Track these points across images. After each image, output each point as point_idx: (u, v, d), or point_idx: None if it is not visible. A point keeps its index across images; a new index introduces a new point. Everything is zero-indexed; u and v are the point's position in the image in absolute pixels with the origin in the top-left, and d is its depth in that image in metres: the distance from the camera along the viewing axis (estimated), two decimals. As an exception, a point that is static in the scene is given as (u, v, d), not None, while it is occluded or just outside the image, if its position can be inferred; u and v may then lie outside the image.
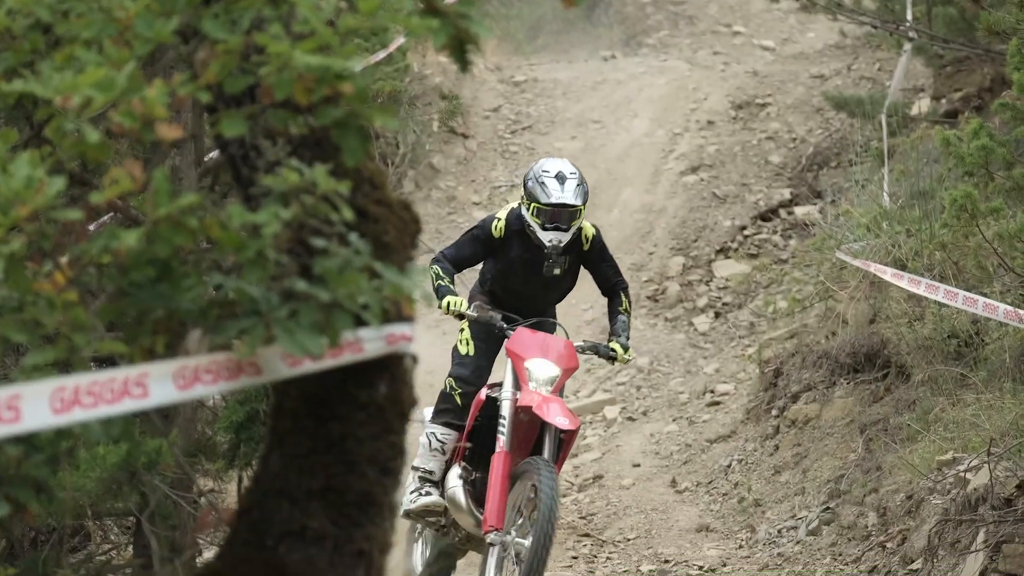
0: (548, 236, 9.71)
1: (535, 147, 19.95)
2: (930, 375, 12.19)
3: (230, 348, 4.28)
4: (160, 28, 4.18)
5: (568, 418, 9.34)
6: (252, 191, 4.45)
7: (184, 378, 4.21)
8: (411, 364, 4.64)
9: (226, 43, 4.20)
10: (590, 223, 10.02)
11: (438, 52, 4.33)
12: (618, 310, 10.01)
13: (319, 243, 4.29)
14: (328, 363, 4.40)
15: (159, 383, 4.17)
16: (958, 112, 16.46)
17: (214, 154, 8.96)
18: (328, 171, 4.26)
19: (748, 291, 17.03)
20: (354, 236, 4.33)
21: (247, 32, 4.22)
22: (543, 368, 9.53)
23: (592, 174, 17.92)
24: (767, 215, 18.21)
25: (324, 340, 4.25)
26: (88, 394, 4.04)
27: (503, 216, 9.88)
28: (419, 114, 19.94)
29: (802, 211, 18.02)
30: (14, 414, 3.94)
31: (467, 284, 10.18)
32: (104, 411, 4.07)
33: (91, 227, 4.59)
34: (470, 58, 4.43)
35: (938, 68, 17.70)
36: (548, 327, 9.89)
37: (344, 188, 4.27)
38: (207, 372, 4.25)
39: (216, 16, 4.23)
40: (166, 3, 4.19)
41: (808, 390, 13.64)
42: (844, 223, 14.86)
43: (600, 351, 9.87)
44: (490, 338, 9.85)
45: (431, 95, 20.35)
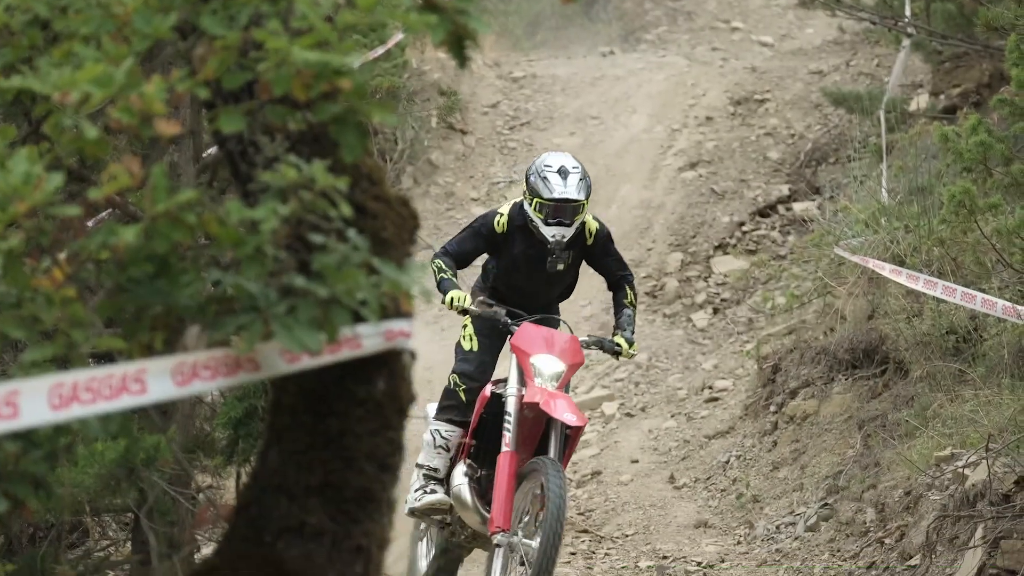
0: (551, 231, 9.62)
1: (533, 143, 19.94)
2: (928, 371, 12.18)
3: (228, 344, 4.28)
4: (158, 24, 4.18)
5: (576, 414, 9.24)
6: (250, 187, 4.45)
7: (182, 374, 4.21)
8: (409, 360, 4.64)
9: (224, 39, 4.20)
10: (594, 217, 9.92)
11: (436, 48, 4.33)
12: (623, 303, 9.89)
13: (317, 239, 4.29)
14: (326, 359, 4.39)
15: (157, 379, 4.17)
16: (956, 108, 16.46)
17: (212, 150, 8.97)
18: (326, 167, 4.25)
19: (746, 287, 17.03)
20: (352, 232, 4.33)
21: (245, 28, 4.22)
22: (549, 364, 9.42)
23: (591, 170, 17.80)
24: (765, 211, 18.21)
25: (322, 336, 4.25)
26: (86, 390, 4.04)
27: (505, 211, 9.78)
28: (417, 110, 19.93)
29: (800, 207, 18.02)
30: (12, 410, 3.94)
31: (467, 282, 10.14)
32: (102, 407, 4.07)
33: (89, 223, 4.59)
34: (468, 54, 4.42)
35: (936, 64, 17.71)
36: (552, 323, 9.81)
37: (342, 184, 4.27)
38: (205, 368, 4.25)
39: (214, 12, 4.23)
40: (164, -1, 4.20)
41: (806, 386, 13.63)
42: (842, 219, 14.86)
43: (605, 346, 9.73)
44: (494, 334, 9.76)
45: (429, 91, 20.35)
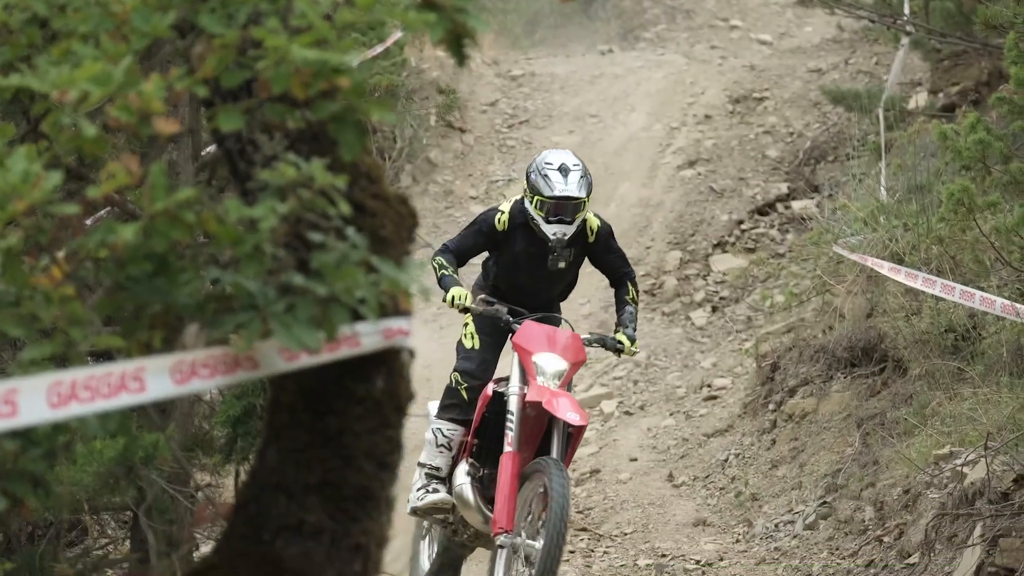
0: (552, 229, 9.56)
1: (532, 141, 19.94)
2: (927, 369, 12.19)
3: (227, 342, 4.28)
4: (157, 22, 4.18)
5: (579, 413, 9.18)
6: (249, 185, 4.45)
7: (181, 372, 4.21)
8: (408, 358, 4.64)
9: (223, 37, 4.20)
10: (595, 214, 9.86)
11: (435, 46, 4.32)
12: (625, 300, 9.81)
13: (316, 237, 4.28)
14: (325, 357, 4.39)
15: (156, 377, 4.16)
16: (955, 106, 16.45)
17: (211, 148, 8.96)
18: (325, 165, 4.25)
19: (745, 285, 17.03)
20: (351, 230, 4.33)
21: (244, 26, 4.22)
22: (551, 362, 9.36)
23: (589, 168, 17.88)
24: (764, 209, 18.21)
25: (321, 334, 4.25)
26: (85, 388, 4.04)
27: (507, 209, 9.71)
28: (416, 108, 19.93)
29: (799, 205, 18.02)
30: (11, 408, 3.94)
31: (467, 280, 10.11)
32: (101, 405, 4.07)
33: (88, 221, 4.58)
34: (467, 52, 4.42)
35: (935, 62, 17.70)
36: (554, 321, 9.75)
37: (341, 182, 4.27)
38: (204, 366, 4.25)
39: (213, 10, 4.23)
40: (163, -3, 4.20)
41: (805, 384, 13.64)
42: (841, 217, 14.86)
43: (607, 343, 9.67)
44: (495, 332, 9.69)
45: (428, 89, 20.34)
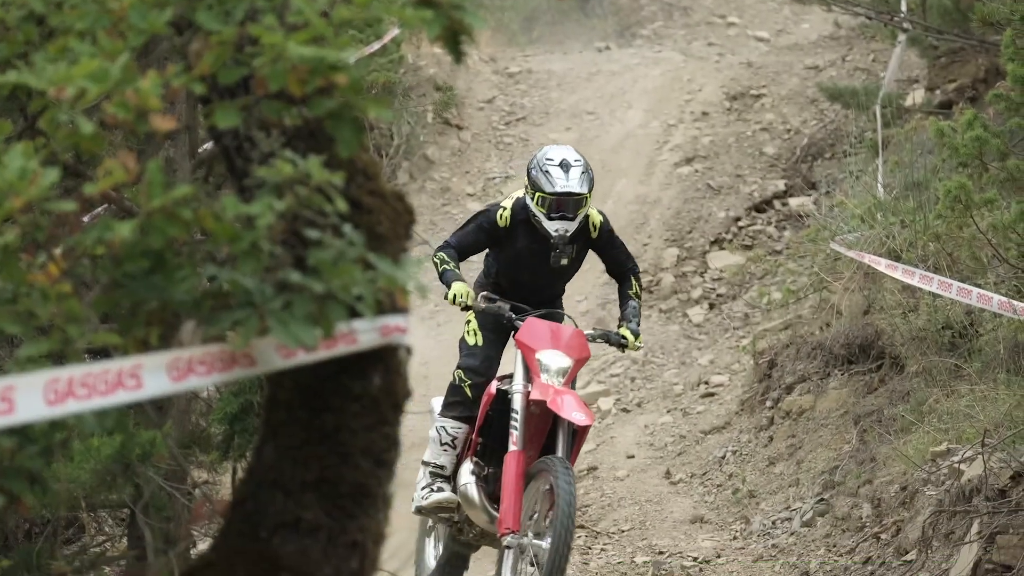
0: (554, 226, 9.49)
1: (529, 138, 19.94)
2: (924, 366, 12.19)
3: (224, 339, 4.27)
4: (154, 19, 4.18)
5: (584, 413, 9.11)
6: (246, 182, 4.45)
7: (178, 369, 4.21)
8: (405, 355, 4.63)
9: (220, 34, 4.20)
10: (598, 210, 9.78)
11: (432, 43, 4.32)
12: (628, 295, 9.76)
13: (313, 234, 4.28)
14: (322, 354, 4.39)
15: (153, 374, 4.16)
16: (952, 103, 16.46)
17: (208, 145, 8.95)
18: (322, 162, 4.25)
19: (742, 282, 17.03)
20: (348, 227, 4.33)
21: (241, 23, 4.22)
22: (555, 359, 9.30)
23: (586, 165, 17.91)
24: (761, 206, 18.21)
25: (318, 331, 4.25)
26: (82, 385, 4.04)
27: (508, 205, 9.63)
28: (413, 105, 19.93)
29: (796, 202, 18.02)
30: (8, 405, 3.94)
31: (468, 278, 10.06)
32: (98, 402, 4.07)
33: (85, 218, 4.58)
34: (464, 49, 4.42)
35: (932, 59, 17.71)
36: (557, 318, 9.69)
37: (338, 179, 4.26)
38: (201, 363, 4.25)
39: (210, 7, 4.23)
40: (160, -6, 4.19)
41: (802, 381, 13.64)
42: (838, 214, 14.87)
43: (611, 339, 9.63)
44: (498, 328, 9.63)
45: (425, 86, 20.34)
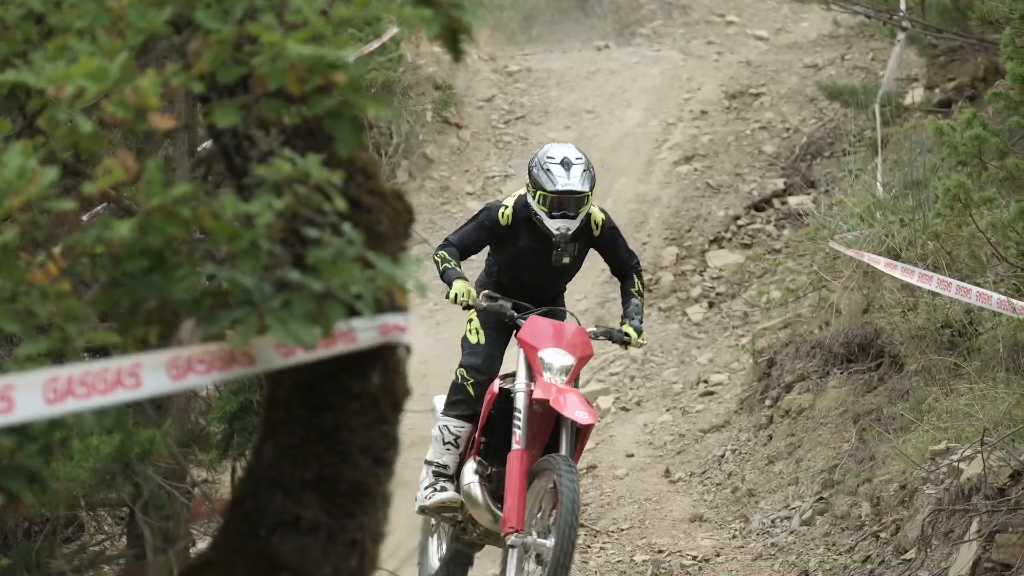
0: (556, 224, 9.42)
1: (528, 137, 19.94)
2: (923, 365, 12.19)
3: (223, 338, 4.27)
4: (153, 18, 4.18)
5: (587, 411, 9.06)
6: (245, 181, 4.45)
7: (177, 368, 4.21)
8: (404, 354, 4.63)
9: (219, 33, 4.20)
10: (600, 208, 9.72)
11: (431, 42, 4.33)
12: (631, 292, 9.70)
13: (312, 233, 4.28)
14: (321, 353, 4.39)
15: (152, 373, 4.16)
16: (951, 102, 16.46)
17: (207, 144, 8.95)
18: (321, 161, 4.25)
19: (742, 281, 17.03)
20: (347, 226, 4.33)
21: (240, 22, 4.22)
22: (557, 357, 9.24)
23: (586, 164, 17.90)
24: (760, 205, 18.21)
25: (317, 330, 4.25)
26: (81, 384, 4.04)
27: (510, 203, 9.57)
28: (412, 104, 19.92)
29: (795, 201, 18.02)
30: (7, 404, 3.94)
31: (469, 274, 10.03)
32: (97, 401, 4.07)
33: (84, 217, 4.58)
34: (463, 48, 4.42)
35: (931, 57, 17.71)
36: (559, 315, 9.64)
37: (337, 178, 4.26)
38: (200, 362, 4.25)
39: (209, 6, 4.23)
40: (159, -7, 4.19)
41: (802, 380, 13.64)
42: (837, 213, 14.88)
43: (613, 336, 9.57)
44: (500, 326, 9.57)
45: (424, 85, 20.34)
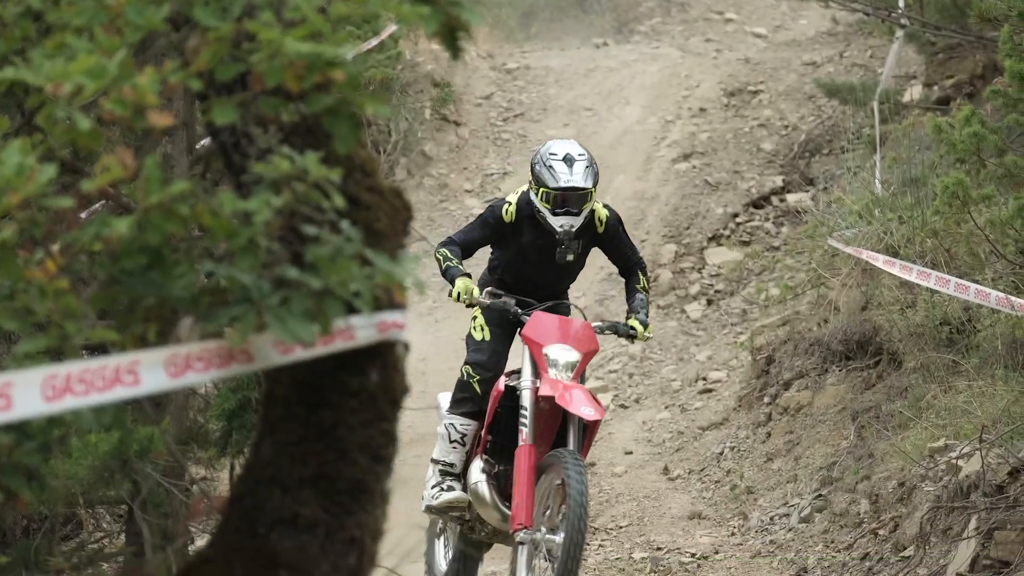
0: (559, 221, 9.37)
1: (527, 134, 19.95)
2: (922, 362, 12.19)
3: (222, 335, 4.27)
4: (151, 15, 4.17)
5: (593, 407, 9.00)
6: (243, 178, 4.44)
7: (176, 366, 4.21)
8: (403, 352, 4.63)
9: (217, 30, 4.19)
10: (604, 204, 9.71)
11: (430, 39, 4.32)
12: (635, 288, 9.65)
13: (310, 230, 4.28)
14: (319, 350, 4.39)
15: (150, 371, 4.16)
16: (950, 99, 16.46)
17: (205, 142, 8.95)
18: (319, 158, 4.25)
19: (740, 278, 17.03)
20: (345, 223, 4.33)
21: (238, 19, 4.21)
22: (563, 353, 9.19)
23: (584, 161, 17.90)
24: (759, 202, 18.21)
25: (315, 327, 4.25)
26: (79, 382, 4.04)
27: (514, 200, 9.52)
28: (411, 102, 19.92)
29: (794, 198, 18.02)
30: (5, 402, 3.94)
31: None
32: (96, 399, 4.07)
33: (82, 215, 4.58)
34: (461, 45, 4.42)
35: (930, 55, 17.71)
36: (563, 310, 9.59)
37: (335, 175, 4.26)
38: (199, 360, 4.25)
39: (207, 3, 4.22)
40: (157, -10, 4.19)
41: (800, 377, 13.65)
42: (836, 210, 14.87)
43: (619, 330, 9.50)
44: (505, 323, 9.51)
45: (423, 83, 20.34)
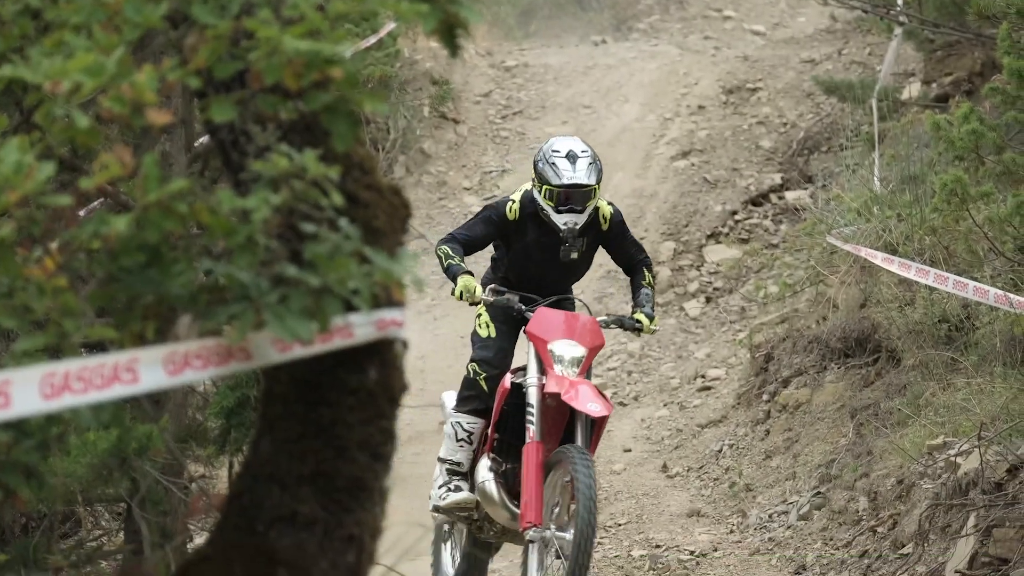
0: (563, 219, 9.30)
1: (526, 132, 19.94)
2: (921, 359, 12.19)
3: (220, 333, 4.27)
4: (149, 13, 4.17)
5: (599, 403, 8.91)
6: (242, 176, 4.44)
7: (174, 363, 4.21)
8: (401, 349, 4.63)
9: (215, 28, 4.19)
10: (608, 202, 9.62)
11: (428, 37, 4.33)
12: (641, 284, 9.56)
13: (309, 228, 4.28)
14: (318, 348, 4.39)
15: (149, 368, 4.16)
16: (948, 96, 16.46)
17: (204, 139, 8.95)
18: (318, 156, 4.25)
19: (739, 276, 17.03)
20: (344, 221, 4.32)
21: (236, 17, 4.21)
22: (568, 349, 9.11)
23: (583, 159, 17.90)
24: (758, 200, 18.21)
25: (314, 325, 4.25)
26: (78, 380, 4.04)
27: (517, 198, 9.46)
28: (410, 99, 19.92)
29: (793, 196, 18.02)
30: (4, 400, 3.94)
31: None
32: (94, 397, 4.07)
33: (81, 213, 4.58)
34: (460, 43, 4.41)
35: (928, 52, 17.71)
36: (568, 305, 9.52)
37: (334, 173, 4.26)
38: (197, 357, 4.25)
39: (205, 1, 4.22)
40: (155, -12, 4.19)
41: (799, 375, 13.65)
42: (835, 208, 14.88)
43: (625, 324, 9.43)
44: (510, 320, 9.44)
45: (422, 80, 20.33)
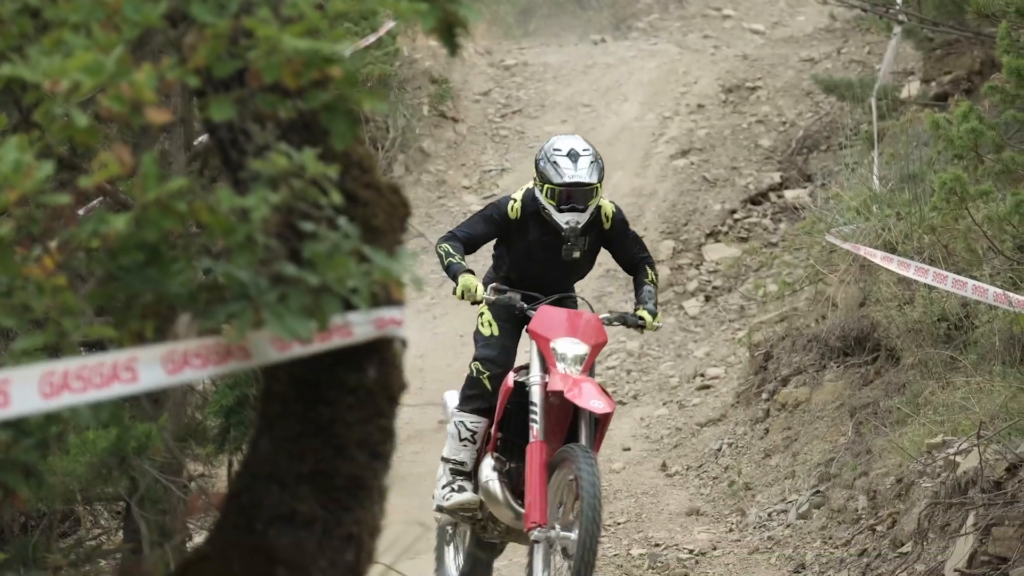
0: (564, 218, 9.26)
1: (525, 131, 19.94)
2: (920, 358, 12.20)
3: (219, 332, 4.27)
4: (148, 12, 4.17)
5: (603, 400, 8.93)
6: (241, 175, 4.44)
7: (173, 362, 4.21)
8: (400, 348, 4.63)
9: (214, 27, 4.19)
10: (610, 200, 9.61)
11: (427, 36, 4.33)
12: (643, 281, 9.53)
13: (308, 227, 4.28)
14: (317, 347, 4.39)
15: (148, 367, 4.16)
16: (948, 95, 16.46)
17: (203, 138, 8.95)
18: (317, 155, 4.25)
19: (738, 275, 17.03)
20: (343, 220, 4.33)
21: (235, 16, 4.21)
22: (571, 347, 9.11)
23: (582, 158, 17.89)
24: (757, 199, 18.21)
25: (313, 324, 4.25)
26: (77, 378, 4.04)
27: (519, 197, 9.43)
28: (409, 98, 19.91)
29: (792, 194, 18.02)
30: (3, 399, 3.94)
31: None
32: (93, 395, 4.07)
33: (80, 211, 4.58)
34: (459, 42, 4.41)
35: (928, 51, 17.71)
36: (570, 303, 9.51)
37: (333, 172, 4.26)
38: (196, 356, 4.25)
39: (204, 0, 4.22)
40: (154, -13, 4.19)
41: (798, 373, 13.65)
42: (834, 206, 14.88)
43: (628, 321, 9.42)
44: (513, 318, 9.41)
45: (421, 79, 20.33)
